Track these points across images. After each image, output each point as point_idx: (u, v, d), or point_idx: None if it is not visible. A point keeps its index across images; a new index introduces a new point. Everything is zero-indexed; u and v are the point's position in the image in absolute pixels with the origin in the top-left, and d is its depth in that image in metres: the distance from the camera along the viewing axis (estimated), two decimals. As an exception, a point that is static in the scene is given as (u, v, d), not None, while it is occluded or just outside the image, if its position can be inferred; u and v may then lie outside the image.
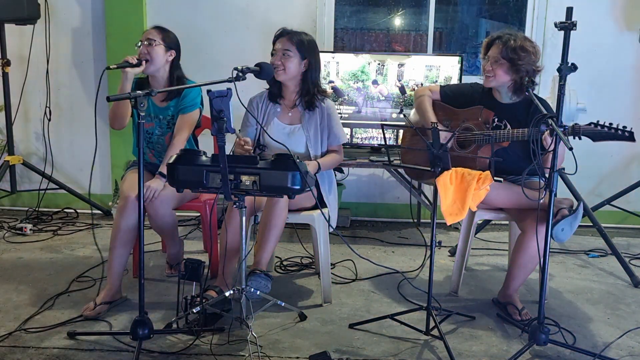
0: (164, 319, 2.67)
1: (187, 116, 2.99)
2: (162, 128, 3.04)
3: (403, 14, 4.81)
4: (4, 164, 4.13)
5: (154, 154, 3.08)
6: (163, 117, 3.03)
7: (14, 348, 2.40)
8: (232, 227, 2.68)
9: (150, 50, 2.90)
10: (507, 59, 2.75)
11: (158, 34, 2.95)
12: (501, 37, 2.78)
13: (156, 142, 3.06)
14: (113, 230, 2.81)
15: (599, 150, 4.24)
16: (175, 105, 3.01)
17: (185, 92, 2.99)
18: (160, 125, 3.04)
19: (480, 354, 2.46)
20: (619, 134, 2.43)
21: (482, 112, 2.88)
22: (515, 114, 2.83)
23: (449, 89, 3.08)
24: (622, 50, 4.24)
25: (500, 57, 2.75)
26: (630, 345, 2.56)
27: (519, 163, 2.72)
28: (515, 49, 2.73)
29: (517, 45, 2.73)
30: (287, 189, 2.33)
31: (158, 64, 2.94)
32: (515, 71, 2.77)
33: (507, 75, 2.79)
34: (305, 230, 3.74)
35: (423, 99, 3.04)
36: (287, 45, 2.85)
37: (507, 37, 2.77)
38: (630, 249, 3.91)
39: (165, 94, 3.00)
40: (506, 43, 2.75)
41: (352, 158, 3.59)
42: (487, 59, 2.83)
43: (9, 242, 3.79)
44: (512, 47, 2.73)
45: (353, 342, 2.53)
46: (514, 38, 2.76)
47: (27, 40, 4.22)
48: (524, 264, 2.71)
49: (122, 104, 2.85)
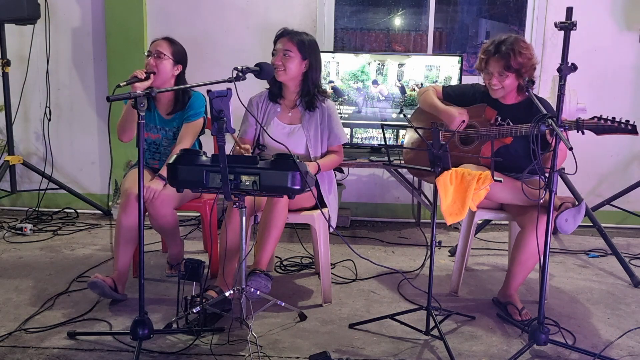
0: (164, 319, 2.67)
1: (191, 124, 3.01)
2: (169, 139, 3.08)
3: (403, 14, 4.82)
4: (4, 164, 4.14)
5: (158, 164, 3.09)
6: (169, 128, 3.06)
7: (14, 348, 2.40)
8: (232, 227, 2.68)
9: (159, 63, 2.92)
10: (512, 70, 2.76)
11: (168, 48, 2.96)
12: (499, 52, 2.74)
13: (163, 152, 3.09)
14: (116, 228, 2.83)
15: (599, 151, 4.26)
16: (180, 118, 3.04)
17: (189, 104, 3.01)
18: (167, 136, 3.07)
19: (480, 354, 2.46)
20: (622, 127, 2.46)
21: (485, 110, 2.89)
22: (517, 113, 2.84)
23: (451, 89, 3.10)
24: (622, 50, 4.24)
25: (505, 70, 2.76)
26: (630, 345, 2.56)
27: (520, 161, 2.72)
28: (516, 58, 2.72)
29: (516, 54, 2.72)
30: (287, 189, 2.33)
31: (164, 77, 2.96)
32: (519, 77, 2.79)
33: (514, 83, 2.81)
34: (305, 230, 3.74)
35: (427, 93, 3.07)
36: (288, 45, 2.85)
37: (504, 50, 2.73)
38: (630, 249, 3.91)
39: (170, 107, 3.02)
40: (506, 56, 2.73)
41: (352, 158, 3.59)
42: (489, 74, 2.82)
43: (9, 242, 3.79)
44: (513, 58, 2.72)
45: (353, 342, 2.53)
46: (511, 47, 2.73)
47: (27, 40, 4.22)
48: (524, 261, 2.71)
49: (132, 117, 2.83)
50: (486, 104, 2.92)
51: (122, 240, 2.82)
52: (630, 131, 2.46)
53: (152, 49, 2.97)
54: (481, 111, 2.91)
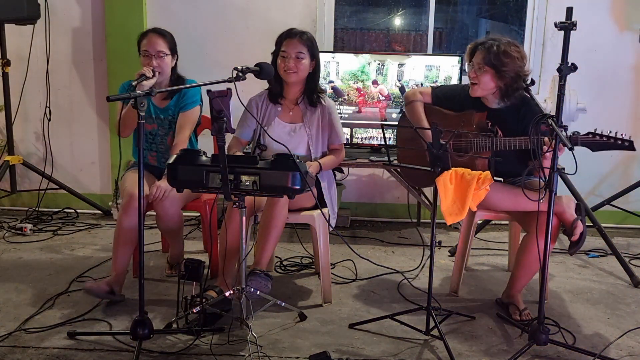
0: (164, 319, 2.67)
1: (188, 113, 3.00)
2: (165, 128, 3.05)
3: (403, 14, 4.82)
4: (4, 164, 4.13)
5: (156, 156, 3.08)
6: (164, 117, 3.04)
7: (14, 348, 2.40)
8: (232, 227, 2.68)
9: (161, 62, 2.94)
10: (490, 65, 2.70)
11: (165, 44, 2.97)
12: (484, 43, 2.72)
13: (159, 142, 3.07)
14: (116, 229, 2.82)
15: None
16: (175, 104, 3.02)
17: (184, 92, 3.01)
18: (162, 125, 3.05)
19: (480, 354, 2.46)
20: (618, 144, 2.40)
21: (474, 117, 2.83)
22: (504, 119, 2.80)
23: (441, 91, 3.02)
24: (622, 50, 4.24)
25: (484, 63, 2.70)
26: (630, 345, 2.56)
27: (514, 167, 2.70)
28: (499, 54, 2.67)
29: (500, 51, 2.67)
30: (287, 189, 2.33)
31: (167, 72, 2.99)
32: (499, 77, 2.72)
33: (491, 82, 2.74)
34: (305, 230, 3.74)
35: (414, 105, 2.97)
36: (300, 47, 2.83)
37: (490, 44, 2.70)
38: (630, 249, 3.91)
39: (165, 94, 3.01)
40: (489, 49, 2.69)
41: (352, 158, 3.59)
42: (471, 66, 2.78)
43: (9, 242, 3.79)
44: (495, 53, 2.67)
45: (353, 342, 2.53)
46: (497, 44, 2.69)
47: (27, 40, 4.22)
48: (529, 264, 2.71)
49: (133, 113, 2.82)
50: (473, 109, 2.84)
51: (121, 241, 2.81)
52: (627, 147, 2.39)
53: (150, 50, 2.95)
54: (470, 118, 2.83)
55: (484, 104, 2.86)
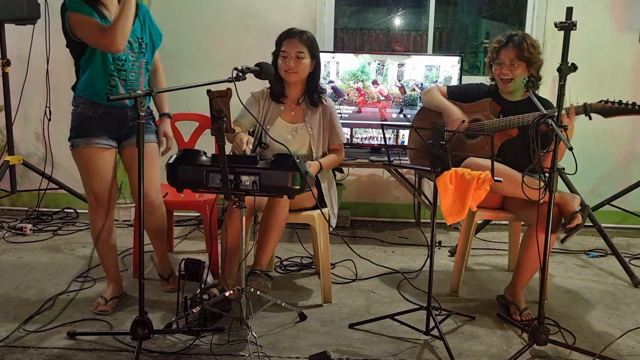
0: (164, 319, 2.67)
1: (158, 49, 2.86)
2: (135, 52, 2.71)
3: (403, 14, 4.82)
4: (4, 164, 4.13)
5: (124, 84, 2.70)
6: (133, 40, 2.68)
7: (14, 348, 2.40)
8: (232, 227, 2.68)
9: None
10: (524, 59, 2.84)
11: None
12: (511, 41, 2.86)
13: (130, 69, 2.70)
14: (93, 235, 2.77)
15: (599, 151, 4.26)
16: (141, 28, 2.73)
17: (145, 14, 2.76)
18: (132, 49, 2.70)
19: (480, 354, 2.46)
20: (629, 109, 2.52)
21: (490, 104, 2.95)
22: (521, 111, 2.85)
23: (456, 88, 3.18)
24: (622, 50, 4.24)
25: (517, 59, 2.84)
26: (630, 345, 2.56)
27: (519, 158, 2.71)
28: (529, 48, 2.83)
29: (529, 44, 2.83)
30: (287, 189, 2.33)
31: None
32: (529, 67, 2.87)
33: (524, 74, 2.87)
34: (305, 230, 3.74)
35: (432, 92, 3.12)
36: (300, 47, 2.83)
37: (518, 40, 2.85)
38: (630, 249, 3.91)
39: None
40: (519, 45, 2.83)
41: (352, 158, 3.59)
42: (500, 64, 2.89)
43: (9, 242, 3.79)
44: (526, 48, 2.82)
45: (353, 342, 2.53)
46: (524, 39, 2.85)
47: (27, 40, 4.21)
48: (532, 258, 2.69)
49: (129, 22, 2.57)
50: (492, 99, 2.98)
51: (102, 247, 2.79)
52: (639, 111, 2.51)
53: None
54: (486, 105, 2.95)
55: (502, 97, 2.98)
